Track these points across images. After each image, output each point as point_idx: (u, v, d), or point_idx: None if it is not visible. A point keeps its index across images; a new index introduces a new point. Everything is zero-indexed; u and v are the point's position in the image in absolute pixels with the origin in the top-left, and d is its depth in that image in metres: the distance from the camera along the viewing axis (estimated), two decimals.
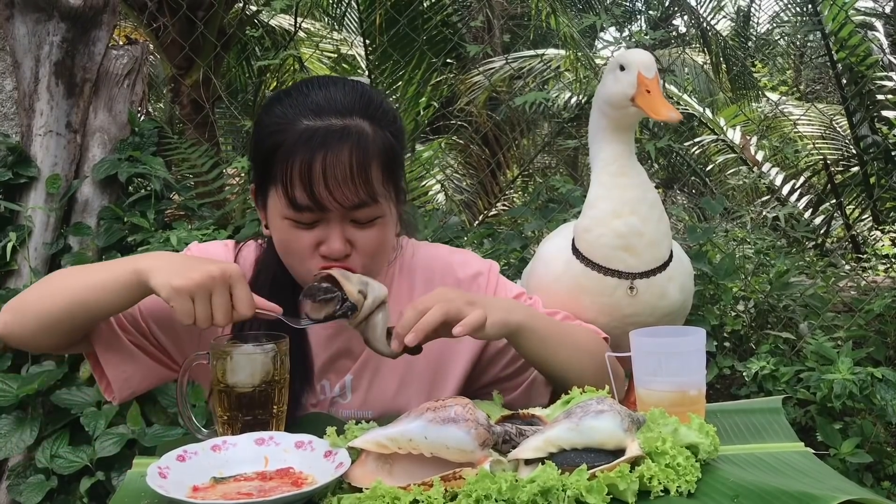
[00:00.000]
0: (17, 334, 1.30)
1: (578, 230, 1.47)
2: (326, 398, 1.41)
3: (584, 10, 7.59)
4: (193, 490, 1.03)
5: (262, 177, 1.30)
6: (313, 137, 1.22)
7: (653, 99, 1.38)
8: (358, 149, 1.23)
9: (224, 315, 1.17)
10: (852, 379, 2.21)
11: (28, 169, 2.86)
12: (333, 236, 1.25)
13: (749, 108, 7.08)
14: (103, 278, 1.22)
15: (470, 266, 1.47)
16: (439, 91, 5.91)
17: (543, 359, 1.34)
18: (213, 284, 1.16)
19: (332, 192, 1.22)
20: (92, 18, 2.94)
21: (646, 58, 1.40)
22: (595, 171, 1.47)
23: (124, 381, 1.34)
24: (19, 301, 1.30)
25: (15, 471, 2.55)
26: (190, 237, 2.70)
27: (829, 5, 5.07)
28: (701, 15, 7.63)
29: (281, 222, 1.28)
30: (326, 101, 1.26)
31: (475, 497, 0.94)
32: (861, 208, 5.71)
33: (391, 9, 4.83)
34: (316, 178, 1.21)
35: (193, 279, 1.15)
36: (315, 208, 1.23)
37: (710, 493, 0.99)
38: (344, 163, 1.22)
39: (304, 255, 1.28)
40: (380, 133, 1.27)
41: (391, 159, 1.28)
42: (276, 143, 1.24)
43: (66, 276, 1.31)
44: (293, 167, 1.22)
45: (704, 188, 6.59)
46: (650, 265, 1.42)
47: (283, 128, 1.25)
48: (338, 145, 1.22)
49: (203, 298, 1.16)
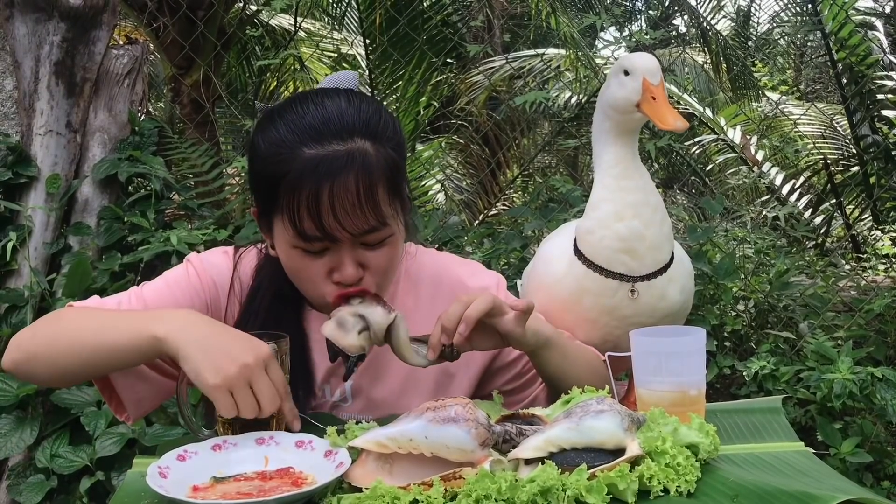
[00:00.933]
0: (25, 373, 1.29)
1: (581, 232, 1.46)
2: (327, 402, 1.40)
3: (584, 10, 7.58)
4: (193, 490, 1.03)
5: (265, 204, 1.28)
6: (318, 167, 1.19)
7: (659, 106, 1.36)
8: (363, 173, 1.20)
9: (271, 401, 1.13)
10: (852, 378, 2.21)
11: (28, 169, 2.85)
12: (345, 263, 1.24)
13: (749, 107, 7.07)
14: (116, 339, 1.19)
15: (478, 278, 1.47)
16: (439, 91, 5.91)
17: (561, 373, 1.35)
18: (249, 374, 1.12)
19: (342, 222, 1.20)
20: (92, 18, 2.94)
21: (651, 63, 1.38)
22: (598, 173, 1.47)
23: (137, 403, 1.33)
24: (28, 342, 1.28)
25: (15, 470, 2.55)
26: (190, 237, 2.70)
27: (829, 5, 5.06)
28: (701, 14, 7.63)
29: (290, 251, 1.26)
30: (325, 124, 1.23)
31: (475, 497, 0.94)
32: (861, 208, 5.71)
33: (391, 8, 4.83)
34: (324, 209, 1.19)
35: (229, 375, 1.11)
36: (325, 238, 1.22)
37: (709, 493, 0.99)
38: (351, 191, 1.19)
39: (317, 281, 1.27)
40: (382, 151, 1.24)
41: (395, 175, 1.26)
42: (280, 174, 1.21)
43: (78, 324, 1.27)
44: (300, 199, 1.19)
45: (704, 188, 6.59)
46: (651, 268, 1.42)
47: (285, 157, 1.21)
48: (343, 173, 1.19)
49: (243, 391, 1.12)
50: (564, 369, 1.35)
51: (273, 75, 6.57)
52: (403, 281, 1.43)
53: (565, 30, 5.55)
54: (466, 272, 1.47)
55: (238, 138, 6.94)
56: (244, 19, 5.04)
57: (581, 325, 1.48)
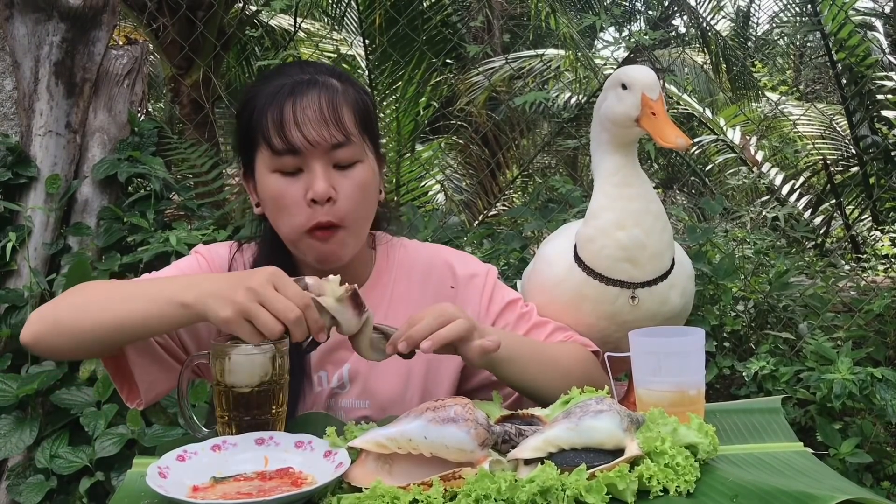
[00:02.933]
0: (48, 345, 1.28)
1: (581, 239, 1.45)
2: (324, 389, 1.41)
3: (583, 10, 7.59)
4: (193, 490, 1.03)
5: (246, 147, 1.36)
6: (282, 89, 1.30)
7: (659, 122, 1.34)
8: (326, 93, 1.31)
9: (287, 310, 1.11)
10: (852, 379, 2.21)
11: (28, 169, 2.86)
12: (316, 177, 1.30)
13: (749, 108, 7.07)
14: (146, 308, 1.20)
15: (468, 266, 1.49)
16: (439, 91, 5.91)
17: (520, 385, 1.36)
18: (257, 295, 1.12)
19: (305, 133, 1.28)
20: (92, 18, 2.94)
21: (649, 78, 1.36)
22: (598, 181, 1.46)
23: (150, 384, 1.32)
24: (51, 313, 1.27)
25: (14, 471, 2.55)
26: (190, 237, 2.70)
27: (828, 5, 5.07)
28: (701, 15, 7.63)
29: (268, 178, 1.33)
30: (295, 69, 1.35)
31: (474, 497, 0.94)
32: (861, 208, 5.71)
33: (391, 9, 4.83)
34: (288, 120, 1.28)
35: (237, 301, 1.11)
36: (293, 150, 1.29)
37: (709, 493, 0.99)
38: (314, 105, 1.29)
39: (295, 207, 1.31)
40: (350, 89, 1.34)
41: (363, 110, 1.34)
42: (251, 108, 1.33)
43: (102, 294, 1.28)
44: (267, 117, 1.29)
45: (704, 188, 6.59)
46: (652, 276, 1.41)
47: (256, 94, 1.33)
48: (307, 91, 1.30)
49: (257, 312, 1.11)
50: (523, 381, 1.35)
51: None
52: (396, 270, 1.47)
53: (565, 30, 5.55)
54: (457, 259, 1.51)
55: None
56: (244, 20, 5.04)
57: (580, 328, 1.49)
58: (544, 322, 1.47)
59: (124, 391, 1.35)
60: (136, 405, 1.35)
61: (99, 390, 2.52)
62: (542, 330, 1.47)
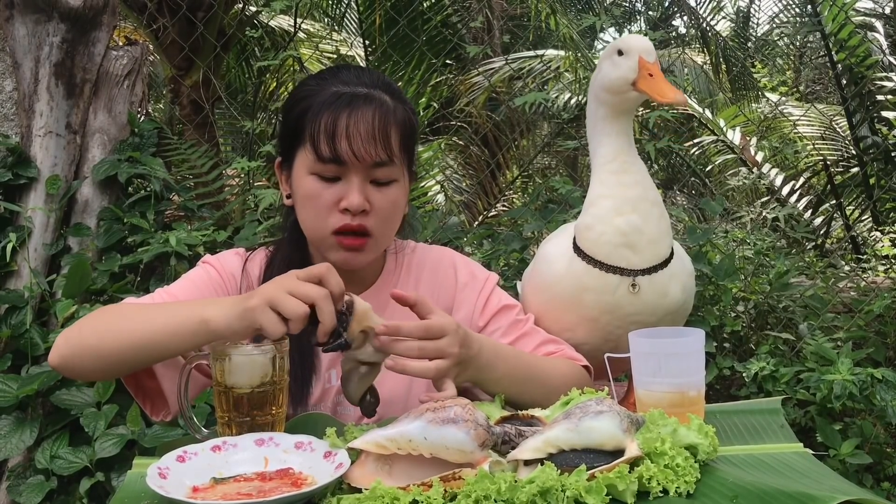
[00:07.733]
0: (73, 367, 1.31)
1: (580, 228, 1.47)
2: (332, 387, 1.44)
3: (583, 11, 7.59)
4: (193, 490, 1.03)
5: (290, 141, 1.39)
6: (340, 98, 1.34)
7: (656, 82, 1.38)
8: (380, 112, 1.34)
9: (313, 293, 1.12)
10: (852, 380, 2.21)
11: (28, 170, 2.85)
12: (353, 190, 1.34)
13: (749, 108, 7.08)
14: (167, 325, 1.22)
15: (469, 268, 1.54)
16: (439, 92, 5.91)
17: (499, 394, 1.36)
18: (283, 285, 1.13)
19: (354, 148, 1.32)
20: (92, 19, 2.94)
21: (645, 43, 1.41)
22: (595, 169, 1.47)
23: (175, 395, 1.33)
24: (76, 337, 1.30)
25: (15, 471, 2.55)
26: (190, 238, 2.70)
27: (828, 6, 5.07)
28: (700, 15, 7.63)
29: (306, 178, 1.36)
30: (353, 77, 1.38)
31: (474, 497, 0.94)
32: (861, 209, 5.71)
33: (391, 9, 4.83)
34: (340, 132, 1.32)
35: (264, 290, 1.14)
36: (338, 161, 1.33)
37: (709, 494, 0.99)
38: (367, 122, 1.33)
39: (325, 212, 1.36)
40: (400, 107, 1.38)
41: (408, 130, 1.39)
42: (305, 108, 1.36)
43: (126, 317, 1.30)
44: (320, 123, 1.33)
45: (704, 189, 6.59)
46: (651, 262, 1.42)
47: (313, 92, 1.37)
48: (363, 107, 1.33)
49: (283, 298, 1.12)
50: (506, 393, 1.34)
51: (272, 76, 6.56)
52: (404, 273, 1.51)
53: (565, 31, 5.55)
54: (461, 261, 1.55)
55: (238, 139, 6.94)
56: (244, 20, 5.04)
57: (582, 325, 1.48)
58: (536, 331, 1.48)
59: (147, 406, 1.37)
60: (163, 417, 1.36)
61: (99, 391, 2.52)
62: (532, 339, 1.47)
